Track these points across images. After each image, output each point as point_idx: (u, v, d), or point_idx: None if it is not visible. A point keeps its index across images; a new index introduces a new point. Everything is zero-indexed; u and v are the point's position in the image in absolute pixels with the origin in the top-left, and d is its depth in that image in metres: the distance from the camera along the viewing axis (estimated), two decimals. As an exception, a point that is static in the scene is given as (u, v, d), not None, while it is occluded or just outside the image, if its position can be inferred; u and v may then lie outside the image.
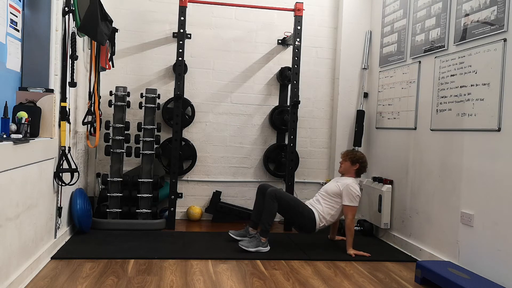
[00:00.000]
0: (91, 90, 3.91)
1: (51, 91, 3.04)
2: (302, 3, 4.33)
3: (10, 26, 2.83)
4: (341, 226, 4.33)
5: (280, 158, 4.77)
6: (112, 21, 3.87)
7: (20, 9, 2.98)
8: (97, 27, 3.37)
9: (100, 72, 4.05)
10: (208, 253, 3.45)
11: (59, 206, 3.31)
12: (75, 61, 3.34)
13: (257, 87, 4.84)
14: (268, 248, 3.57)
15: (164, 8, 4.63)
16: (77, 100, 3.78)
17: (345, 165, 3.82)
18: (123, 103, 4.18)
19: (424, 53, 3.69)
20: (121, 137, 4.15)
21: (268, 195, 3.59)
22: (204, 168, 4.76)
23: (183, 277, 2.91)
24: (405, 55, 3.99)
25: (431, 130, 3.54)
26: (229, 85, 4.79)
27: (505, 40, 2.80)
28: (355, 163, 3.78)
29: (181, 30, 4.18)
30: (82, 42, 3.85)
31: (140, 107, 4.26)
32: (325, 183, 4.87)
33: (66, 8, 3.21)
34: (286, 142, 4.71)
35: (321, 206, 3.69)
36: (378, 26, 4.54)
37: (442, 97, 3.40)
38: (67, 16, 3.24)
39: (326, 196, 3.73)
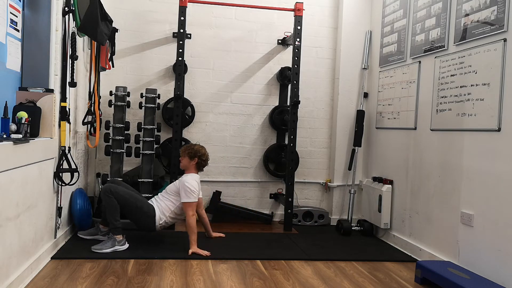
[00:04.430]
0: (91, 90, 3.91)
1: (51, 91, 3.04)
2: (302, 3, 4.33)
3: (10, 26, 2.83)
4: (341, 226, 4.34)
5: (280, 158, 4.77)
6: (112, 21, 3.87)
7: (20, 9, 2.98)
8: (97, 27, 3.37)
9: (100, 72, 4.05)
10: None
11: (59, 206, 3.31)
12: (75, 61, 3.34)
13: (257, 87, 4.84)
14: (126, 246, 3.41)
15: (164, 8, 4.63)
16: (77, 100, 3.78)
17: (184, 160, 3.69)
18: (123, 103, 4.17)
19: (424, 53, 3.68)
20: (121, 137, 4.15)
21: (103, 192, 3.41)
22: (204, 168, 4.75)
23: (183, 277, 2.91)
24: (405, 55, 3.99)
25: (431, 130, 3.54)
26: (229, 85, 4.79)
27: (505, 40, 2.80)
28: (193, 157, 3.65)
29: (181, 30, 4.18)
30: (82, 42, 3.85)
31: (140, 107, 4.26)
32: (325, 183, 4.88)
33: (66, 8, 3.21)
34: (286, 142, 4.71)
35: (161, 203, 3.59)
36: (378, 26, 4.54)
37: (442, 97, 3.40)
38: (67, 16, 3.24)
39: (165, 194, 3.64)
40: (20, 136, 2.56)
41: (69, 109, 3.31)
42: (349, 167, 4.65)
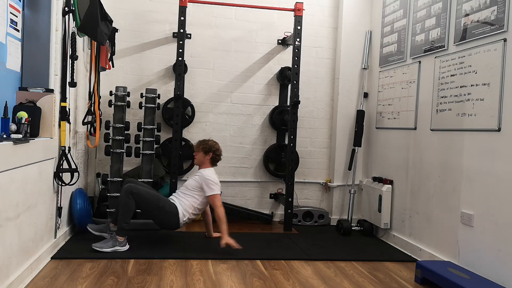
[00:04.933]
0: (91, 90, 3.91)
1: (51, 91, 3.04)
2: (302, 3, 4.33)
3: (10, 26, 2.83)
4: (341, 226, 4.34)
5: (280, 158, 4.77)
6: (112, 21, 3.87)
7: (20, 9, 2.98)
8: (97, 27, 3.37)
9: (100, 72, 4.05)
10: (208, 253, 3.45)
11: (59, 206, 3.31)
12: (75, 61, 3.34)
13: (257, 87, 4.84)
14: (126, 247, 3.39)
15: (164, 8, 4.63)
16: (77, 100, 3.78)
17: (198, 155, 3.73)
18: (123, 103, 4.17)
19: (424, 53, 3.68)
20: (121, 137, 4.14)
21: (124, 191, 3.38)
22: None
23: (183, 277, 2.91)
24: (405, 55, 3.99)
25: (431, 130, 3.54)
26: (229, 85, 4.79)
27: (505, 40, 2.80)
28: (207, 152, 3.70)
29: (181, 30, 4.18)
30: (82, 42, 3.85)
31: (140, 107, 4.26)
32: (325, 183, 4.88)
33: (66, 8, 3.21)
34: (286, 142, 4.71)
35: (183, 200, 3.59)
36: (378, 26, 4.54)
37: (442, 97, 3.40)
38: (67, 16, 3.24)
39: (186, 191, 3.65)
40: (20, 136, 2.56)
41: (69, 109, 3.31)
42: (349, 167, 4.65)
